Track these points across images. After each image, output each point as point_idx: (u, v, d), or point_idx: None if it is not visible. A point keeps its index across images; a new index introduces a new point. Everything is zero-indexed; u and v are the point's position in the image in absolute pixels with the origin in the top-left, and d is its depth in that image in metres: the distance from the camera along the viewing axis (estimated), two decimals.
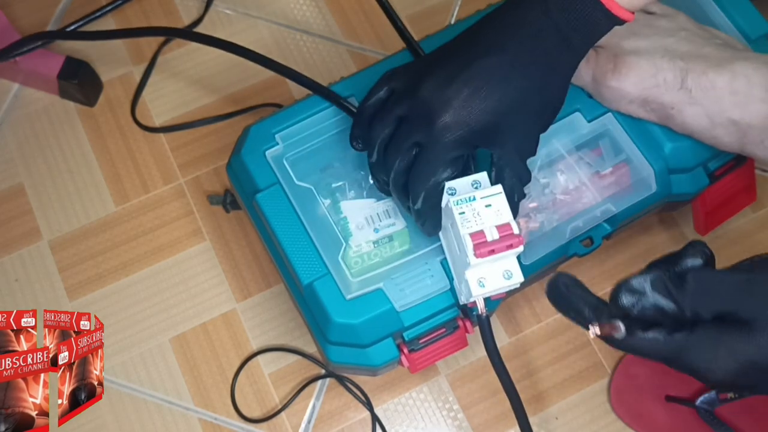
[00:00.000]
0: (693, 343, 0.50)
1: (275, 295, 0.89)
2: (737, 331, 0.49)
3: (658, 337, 0.51)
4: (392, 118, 0.66)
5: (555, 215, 0.73)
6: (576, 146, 0.75)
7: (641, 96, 0.72)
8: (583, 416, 0.86)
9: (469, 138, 0.62)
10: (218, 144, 0.95)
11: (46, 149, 0.95)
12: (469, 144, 0.63)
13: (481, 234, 0.61)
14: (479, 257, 0.60)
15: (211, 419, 0.85)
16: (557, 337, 0.88)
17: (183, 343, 0.88)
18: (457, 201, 0.62)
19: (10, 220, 0.92)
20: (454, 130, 0.62)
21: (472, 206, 0.62)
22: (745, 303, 0.50)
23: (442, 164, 0.63)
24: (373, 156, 0.68)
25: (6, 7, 0.99)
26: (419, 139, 0.63)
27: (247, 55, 0.80)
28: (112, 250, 0.91)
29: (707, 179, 0.78)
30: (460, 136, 0.62)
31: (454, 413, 0.86)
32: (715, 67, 0.69)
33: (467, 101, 0.61)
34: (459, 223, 0.62)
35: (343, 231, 0.72)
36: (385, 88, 0.68)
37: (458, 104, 0.62)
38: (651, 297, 0.52)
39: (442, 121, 0.62)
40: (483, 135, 0.63)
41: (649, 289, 0.52)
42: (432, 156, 0.63)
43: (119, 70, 0.99)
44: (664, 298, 0.52)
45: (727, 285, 0.51)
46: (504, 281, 0.63)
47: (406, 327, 0.71)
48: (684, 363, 0.51)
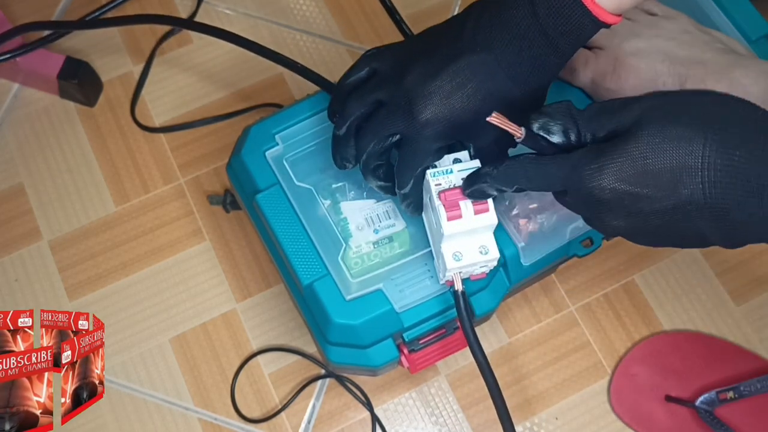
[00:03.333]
0: (582, 159, 0.54)
1: (275, 295, 0.89)
2: (620, 140, 0.53)
3: (555, 158, 0.56)
4: (371, 100, 0.65)
5: (555, 215, 0.73)
6: None
7: None
8: (583, 416, 0.86)
9: (449, 133, 0.63)
10: (218, 144, 0.95)
11: (46, 149, 0.95)
12: (449, 137, 0.63)
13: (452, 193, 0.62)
14: (451, 219, 0.61)
15: (211, 419, 0.85)
16: (557, 337, 0.88)
17: (183, 343, 0.88)
18: (434, 173, 0.63)
19: (10, 220, 0.92)
20: (434, 125, 0.62)
21: (448, 178, 0.63)
22: (625, 118, 0.54)
23: (428, 154, 0.64)
24: (341, 130, 0.67)
25: (6, 7, 0.99)
26: (400, 130, 0.63)
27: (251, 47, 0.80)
28: (112, 250, 0.91)
29: None
30: (440, 131, 0.62)
31: (454, 413, 0.86)
32: (714, 74, 0.69)
33: (449, 97, 0.61)
34: (434, 193, 0.62)
35: (343, 232, 0.72)
36: (366, 68, 0.67)
37: (439, 100, 0.62)
38: (557, 118, 0.57)
39: (423, 117, 0.62)
40: (462, 130, 0.63)
41: (557, 112, 0.57)
42: (416, 147, 0.63)
43: (119, 70, 0.99)
44: (569, 121, 0.56)
45: (616, 104, 0.56)
46: (480, 256, 0.63)
47: (406, 328, 0.71)
48: (574, 181, 0.54)
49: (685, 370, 0.85)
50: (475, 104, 0.62)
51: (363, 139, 0.66)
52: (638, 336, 0.88)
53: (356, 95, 0.66)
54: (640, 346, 0.87)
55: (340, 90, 0.68)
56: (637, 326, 0.89)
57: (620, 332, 0.88)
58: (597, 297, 0.90)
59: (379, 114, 0.65)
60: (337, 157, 0.69)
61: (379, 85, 0.65)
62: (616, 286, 0.90)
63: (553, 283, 0.90)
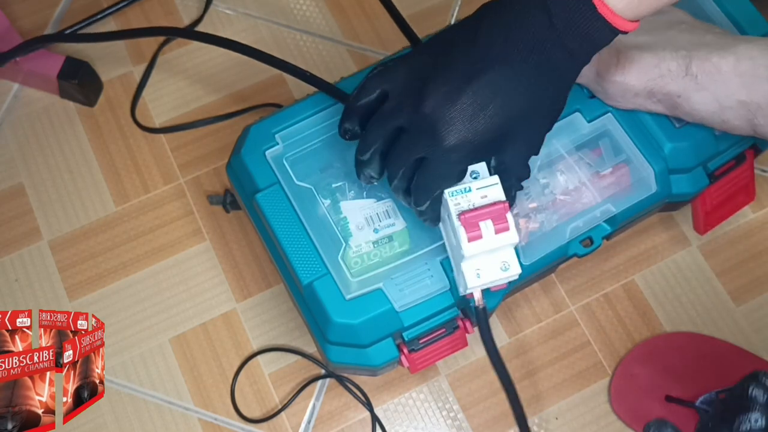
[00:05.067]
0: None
1: (275, 295, 0.89)
2: None
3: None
4: (391, 128, 0.65)
5: (555, 215, 0.73)
6: (576, 146, 0.75)
7: (646, 88, 0.72)
8: (583, 416, 0.86)
9: (474, 154, 0.62)
10: (218, 144, 0.95)
11: (46, 149, 0.95)
12: (473, 159, 0.63)
13: (472, 215, 0.61)
14: (471, 240, 0.61)
15: (211, 419, 0.85)
16: (557, 337, 0.88)
17: (183, 343, 0.88)
18: (453, 192, 0.63)
19: (10, 220, 0.92)
20: (460, 150, 0.62)
21: (467, 197, 0.62)
22: None
23: (451, 178, 0.63)
24: (365, 156, 0.67)
25: (6, 7, 0.99)
26: (424, 154, 0.63)
27: (247, 52, 0.80)
28: (112, 250, 0.91)
29: (707, 179, 0.78)
30: (465, 155, 0.62)
31: (454, 413, 0.86)
32: (719, 51, 0.69)
33: (472, 121, 0.61)
34: (453, 213, 0.62)
35: (343, 231, 0.72)
36: (378, 90, 0.66)
37: (462, 125, 0.61)
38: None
39: (448, 143, 0.61)
40: (487, 149, 0.63)
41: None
42: (438, 171, 0.63)
43: (119, 70, 0.99)
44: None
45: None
46: (501, 273, 0.63)
47: (406, 327, 0.71)
48: None
49: (685, 370, 0.85)
50: (499, 122, 0.61)
51: (390, 167, 0.66)
52: (638, 336, 0.88)
53: (376, 123, 0.66)
54: (640, 346, 0.87)
55: (352, 111, 0.68)
56: (637, 326, 0.89)
57: (620, 332, 0.88)
58: (597, 297, 0.90)
59: (402, 141, 0.64)
60: (362, 176, 0.69)
61: (397, 110, 0.65)
62: (616, 286, 0.90)
63: (553, 283, 0.90)
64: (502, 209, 0.61)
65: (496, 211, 0.61)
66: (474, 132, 0.61)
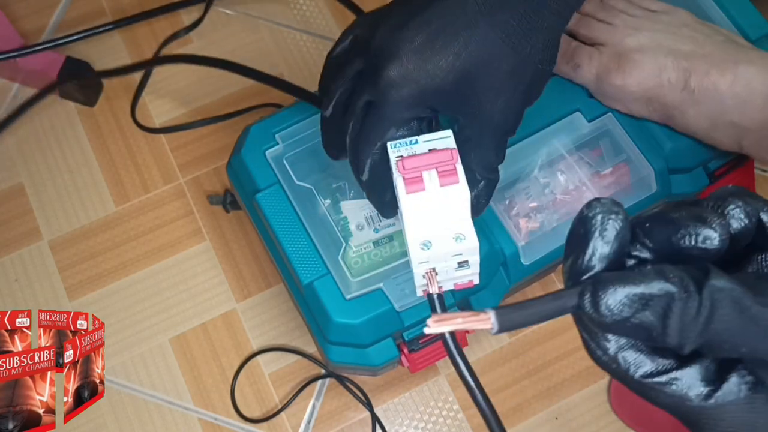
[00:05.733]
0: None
1: (275, 295, 0.89)
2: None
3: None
4: (350, 73, 0.56)
5: (555, 215, 0.73)
6: (576, 146, 0.75)
7: (645, 95, 0.71)
8: (583, 416, 0.86)
9: (422, 98, 0.53)
10: (218, 144, 0.95)
11: (46, 149, 0.95)
12: (422, 105, 0.53)
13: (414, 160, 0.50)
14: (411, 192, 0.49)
15: (211, 419, 0.85)
16: (557, 338, 0.88)
17: (183, 343, 0.88)
18: (395, 144, 0.52)
19: (10, 220, 0.92)
20: (401, 87, 0.52)
21: (412, 149, 0.52)
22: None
23: (389, 125, 0.53)
24: (327, 110, 0.58)
25: (6, 6, 0.99)
26: (368, 98, 0.54)
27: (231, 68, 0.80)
28: (112, 250, 0.91)
29: (707, 179, 0.78)
30: (408, 95, 0.52)
31: (454, 413, 0.86)
32: (718, 68, 0.68)
33: (418, 52, 0.52)
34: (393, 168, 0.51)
35: (343, 231, 0.72)
36: (350, 37, 0.58)
37: (406, 55, 0.52)
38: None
39: (387, 75, 0.52)
40: (440, 97, 0.53)
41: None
42: (377, 116, 0.53)
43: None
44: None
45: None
46: (454, 244, 0.49)
47: (407, 327, 0.71)
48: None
49: None
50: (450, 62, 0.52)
51: (345, 120, 0.57)
52: None
53: (338, 69, 0.57)
54: None
55: (327, 67, 0.60)
56: None
57: None
58: None
59: (357, 86, 0.56)
60: (325, 143, 0.61)
61: (357, 52, 0.56)
62: None
63: (553, 282, 0.90)
64: (450, 156, 0.50)
65: (442, 158, 0.50)
66: (418, 66, 0.51)
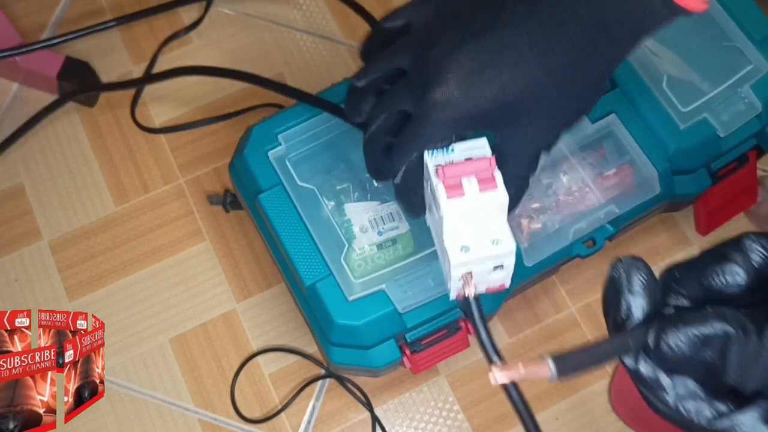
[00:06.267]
0: None
1: (275, 295, 0.89)
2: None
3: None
4: (395, 66, 0.58)
5: (558, 216, 0.73)
6: (580, 147, 0.75)
7: None
8: (583, 417, 0.86)
9: (462, 121, 0.54)
10: (218, 144, 0.95)
11: (46, 149, 0.94)
12: (462, 126, 0.54)
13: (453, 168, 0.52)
14: (451, 197, 0.51)
15: (210, 420, 0.85)
16: (557, 338, 0.88)
17: (183, 343, 0.87)
18: (432, 153, 0.54)
19: (10, 220, 0.91)
20: (444, 110, 0.53)
21: (449, 158, 0.54)
22: None
23: (429, 140, 0.55)
24: (361, 82, 0.59)
25: (6, 6, 0.99)
26: (408, 108, 0.55)
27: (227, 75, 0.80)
28: (112, 250, 0.91)
29: (710, 180, 0.78)
30: (450, 118, 0.53)
31: (455, 414, 0.86)
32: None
33: (466, 80, 0.52)
34: (431, 171, 0.53)
35: (346, 233, 0.72)
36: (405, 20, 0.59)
37: (454, 81, 0.53)
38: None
39: (432, 96, 0.53)
40: (480, 121, 0.54)
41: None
42: (417, 131, 0.55)
43: (119, 70, 0.99)
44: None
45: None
46: (492, 247, 0.52)
47: (409, 329, 0.71)
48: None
49: None
50: (494, 92, 0.52)
51: (377, 107, 0.58)
52: None
53: (386, 54, 0.58)
54: None
55: (375, 34, 0.61)
56: None
57: None
58: (597, 297, 0.89)
59: (397, 84, 0.57)
60: (349, 107, 0.62)
61: (407, 48, 0.57)
62: None
63: (554, 283, 0.90)
64: (488, 164, 0.52)
65: (481, 166, 0.52)
66: (465, 94, 0.53)
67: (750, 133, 0.78)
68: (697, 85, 0.77)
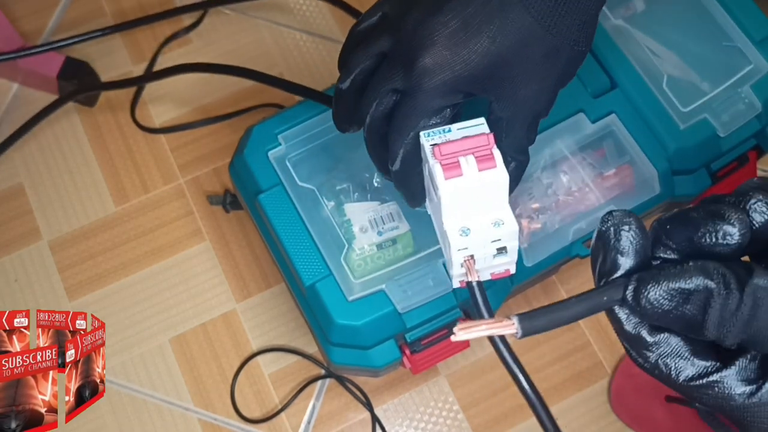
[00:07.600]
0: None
1: (275, 295, 0.89)
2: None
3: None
4: (374, 51, 0.55)
5: (558, 216, 0.73)
6: (579, 147, 0.75)
7: None
8: (583, 417, 0.86)
9: (455, 85, 0.51)
10: (218, 144, 0.95)
11: (46, 149, 0.94)
12: (455, 92, 0.52)
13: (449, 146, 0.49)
14: (449, 178, 0.48)
15: (210, 420, 0.85)
16: (557, 338, 0.88)
17: (183, 344, 0.88)
18: (428, 134, 0.52)
19: (10, 220, 0.92)
20: (435, 75, 0.51)
21: (446, 137, 0.51)
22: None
23: (422, 114, 0.52)
24: (344, 83, 0.57)
25: (5, 7, 0.99)
26: (398, 85, 0.53)
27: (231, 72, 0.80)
28: (112, 250, 0.91)
29: (710, 180, 0.78)
30: (442, 82, 0.51)
31: (454, 413, 0.86)
32: None
33: (453, 37, 0.50)
34: (428, 151, 0.50)
35: (346, 233, 0.72)
36: (379, 13, 0.56)
37: (442, 41, 0.50)
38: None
39: (421, 63, 0.51)
40: (473, 82, 0.52)
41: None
42: (410, 106, 0.52)
43: (119, 70, 0.99)
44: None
45: None
46: (493, 229, 0.49)
47: (408, 329, 0.71)
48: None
49: None
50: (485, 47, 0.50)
51: (366, 98, 0.55)
52: None
53: (362, 45, 0.56)
54: None
55: (350, 39, 0.58)
56: None
57: None
58: None
59: (381, 68, 0.54)
60: (337, 117, 0.60)
61: (385, 31, 0.55)
62: None
63: (554, 283, 0.90)
64: (487, 140, 0.49)
65: (479, 142, 0.49)
66: (454, 52, 0.50)
67: (750, 133, 0.78)
68: (697, 85, 0.77)
